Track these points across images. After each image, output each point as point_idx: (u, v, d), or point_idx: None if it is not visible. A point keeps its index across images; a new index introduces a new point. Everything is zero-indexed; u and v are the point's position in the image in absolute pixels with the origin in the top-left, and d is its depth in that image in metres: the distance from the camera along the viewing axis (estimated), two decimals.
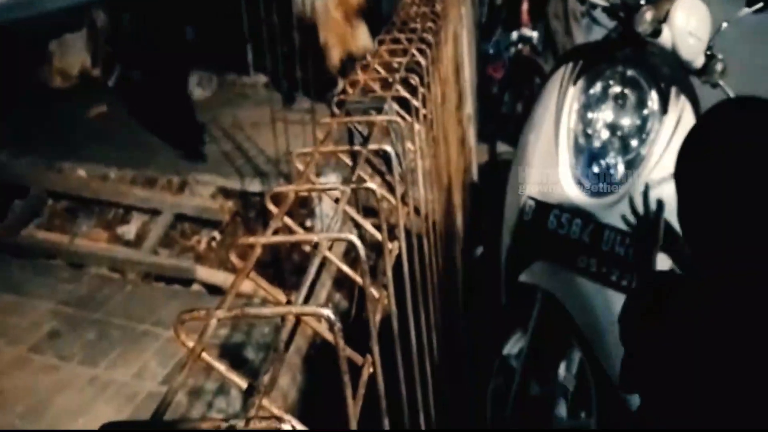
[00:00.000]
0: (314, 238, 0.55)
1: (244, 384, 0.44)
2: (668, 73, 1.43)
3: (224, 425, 0.36)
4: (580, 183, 1.37)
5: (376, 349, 0.56)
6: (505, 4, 3.40)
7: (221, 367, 0.48)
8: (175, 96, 3.07)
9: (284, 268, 2.34)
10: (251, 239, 0.57)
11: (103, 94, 3.56)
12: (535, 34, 3.12)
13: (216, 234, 2.40)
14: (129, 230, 2.54)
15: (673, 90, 1.40)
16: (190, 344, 0.45)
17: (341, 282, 2.15)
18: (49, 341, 1.69)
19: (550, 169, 1.41)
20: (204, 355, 0.48)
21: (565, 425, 1.29)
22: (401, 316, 0.78)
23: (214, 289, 2.12)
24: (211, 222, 2.46)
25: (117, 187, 2.69)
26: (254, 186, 2.53)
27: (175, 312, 1.99)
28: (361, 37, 2.65)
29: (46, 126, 3.12)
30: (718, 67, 1.49)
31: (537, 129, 1.49)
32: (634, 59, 1.44)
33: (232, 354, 1.70)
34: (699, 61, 1.50)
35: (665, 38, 1.45)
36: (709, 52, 1.52)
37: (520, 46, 3.09)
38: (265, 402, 0.44)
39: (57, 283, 2.04)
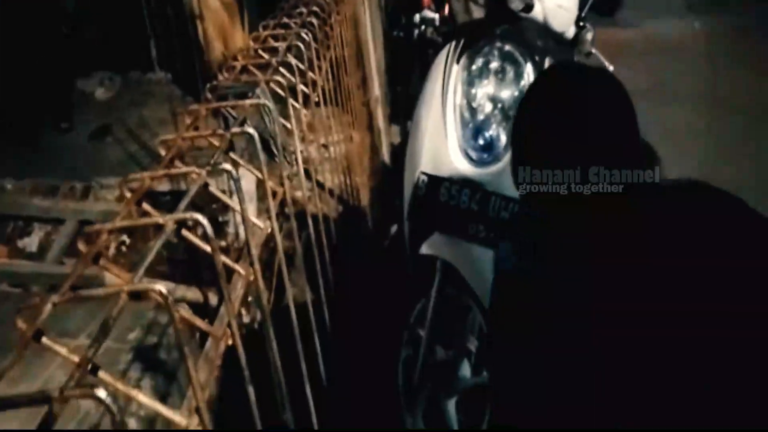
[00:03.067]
0: (159, 219, 0.56)
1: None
2: (541, 45, 1.51)
3: (40, 396, 0.38)
4: (467, 155, 1.44)
5: (234, 321, 0.59)
6: None
7: (61, 349, 0.49)
8: (64, 96, 2.95)
9: (200, 265, 2.31)
10: (97, 226, 0.57)
11: None
12: (436, 16, 3.20)
13: (125, 238, 2.33)
14: (31, 242, 2.42)
15: (547, 61, 1.49)
16: (24, 327, 0.46)
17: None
18: None
19: (440, 143, 1.47)
20: (44, 339, 0.49)
21: (470, 383, 1.37)
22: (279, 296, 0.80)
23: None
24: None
25: (15, 198, 2.55)
26: (162, 185, 2.47)
27: (81, 321, 1.91)
28: (240, 31, 2.61)
29: None
30: (588, 36, 1.60)
31: (427, 106, 1.55)
32: (510, 35, 1.52)
33: (144, 355, 1.66)
34: (570, 32, 1.60)
35: (537, 12, 1.53)
36: (581, 23, 1.62)
37: (423, 27, 3.16)
38: (103, 375, 0.46)
39: None
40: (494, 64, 1.51)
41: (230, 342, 0.57)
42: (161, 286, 0.46)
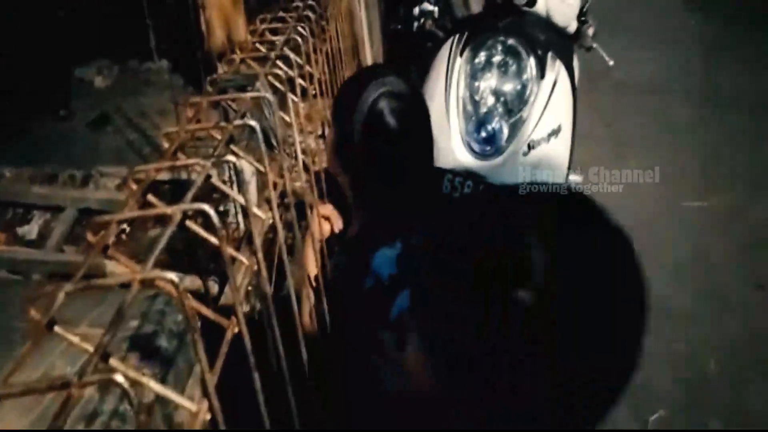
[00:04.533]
0: (167, 210, 0.57)
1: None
2: (544, 39, 1.52)
3: (60, 382, 0.38)
4: (470, 147, 1.45)
5: (240, 309, 0.59)
6: None
7: (73, 338, 0.50)
8: (62, 84, 2.94)
9: (199, 255, 2.31)
10: (106, 217, 0.58)
11: None
12: (436, 9, 3.19)
13: (125, 226, 2.33)
14: (30, 230, 2.42)
15: (549, 55, 1.50)
16: (37, 317, 0.46)
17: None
18: None
19: (443, 136, 1.47)
20: (56, 327, 0.50)
21: None
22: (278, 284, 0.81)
23: (126, 284, 2.06)
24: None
25: (13, 186, 2.55)
26: (162, 174, 2.46)
27: (82, 310, 1.92)
28: (242, 21, 2.59)
29: None
30: (589, 31, 1.60)
31: (429, 99, 1.55)
32: (513, 29, 1.52)
33: (142, 344, 1.67)
34: (572, 27, 1.60)
35: (540, 7, 1.54)
36: (583, 18, 1.63)
37: (422, 20, 3.15)
38: (114, 362, 0.47)
39: None
40: (497, 58, 1.51)
41: (236, 330, 0.58)
42: (172, 275, 0.46)
